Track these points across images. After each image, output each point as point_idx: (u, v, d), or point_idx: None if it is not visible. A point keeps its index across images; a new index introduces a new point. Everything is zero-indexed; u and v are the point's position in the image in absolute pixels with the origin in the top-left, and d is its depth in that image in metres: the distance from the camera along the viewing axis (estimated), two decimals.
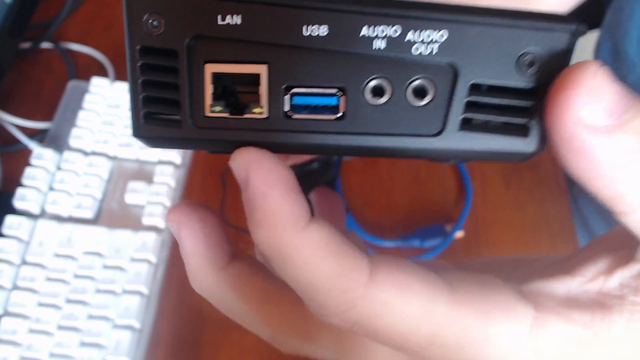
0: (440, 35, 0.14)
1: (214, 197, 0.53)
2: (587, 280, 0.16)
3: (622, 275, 0.16)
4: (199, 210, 0.18)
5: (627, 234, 0.16)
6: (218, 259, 0.18)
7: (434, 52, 0.14)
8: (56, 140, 0.54)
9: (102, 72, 0.61)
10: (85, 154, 0.53)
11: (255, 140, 0.16)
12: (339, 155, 0.16)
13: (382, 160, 0.53)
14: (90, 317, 0.45)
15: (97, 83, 0.56)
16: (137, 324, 0.45)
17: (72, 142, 0.53)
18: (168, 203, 0.51)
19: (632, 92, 0.14)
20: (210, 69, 0.15)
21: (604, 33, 0.51)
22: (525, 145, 0.15)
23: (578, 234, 0.60)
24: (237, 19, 0.14)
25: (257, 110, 0.15)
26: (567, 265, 0.17)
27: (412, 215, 0.52)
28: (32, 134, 0.56)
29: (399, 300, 0.15)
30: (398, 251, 0.50)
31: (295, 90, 0.15)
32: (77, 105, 0.56)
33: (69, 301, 0.45)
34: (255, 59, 0.15)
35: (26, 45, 0.61)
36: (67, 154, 0.52)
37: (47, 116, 0.57)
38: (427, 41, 0.14)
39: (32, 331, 0.44)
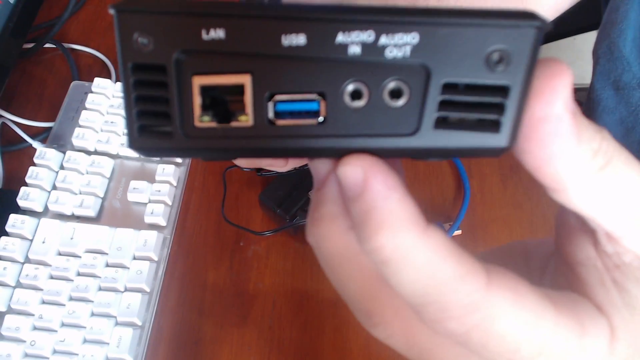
0: (411, 38, 0.15)
1: (215, 196, 0.54)
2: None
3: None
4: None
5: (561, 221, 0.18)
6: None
7: (407, 55, 0.15)
8: (59, 140, 0.55)
9: (104, 73, 0.61)
10: (88, 153, 0.53)
11: (243, 147, 0.16)
12: (322, 158, 0.17)
13: None
14: (93, 314, 0.45)
15: (100, 83, 0.56)
16: (138, 322, 0.46)
17: (75, 141, 0.53)
18: (169, 202, 0.52)
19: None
20: (198, 81, 0.16)
21: (600, 33, 0.51)
22: (497, 140, 0.15)
23: None
24: (220, 33, 0.15)
25: (243, 118, 0.16)
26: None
27: None
28: (35, 133, 0.56)
29: (515, 307, 0.15)
30: None
31: (277, 97, 0.16)
32: (79, 105, 0.56)
33: (71, 299, 0.46)
34: (239, 70, 0.15)
35: (29, 45, 0.61)
36: (69, 153, 0.52)
37: (50, 116, 0.57)
38: (399, 44, 0.15)
39: (35, 328, 0.45)
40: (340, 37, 0.15)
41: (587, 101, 0.56)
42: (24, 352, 0.44)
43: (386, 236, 0.15)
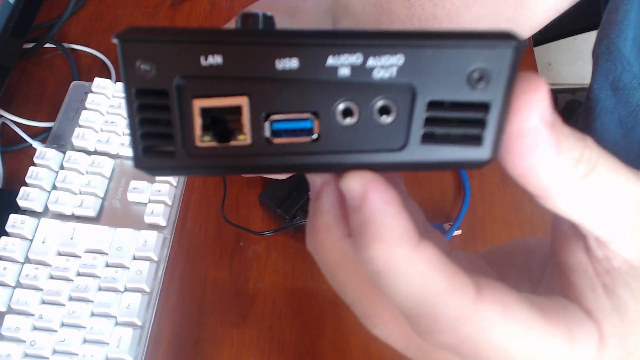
0: (397, 59, 0.16)
1: (215, 196, 0.54)
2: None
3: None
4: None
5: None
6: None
7: (394, 75, 0.16)
8: (59, 140, 0.55)
9: (104, 73, 0.61)
10: (88, 153, 0.53)
11: (242, 164, 0.17)
12: (317, 172, 0.18)
13: None
14: (93, 314, 0.45)
15: (100, 83, 0.56)
16: (138, 322, 0.46)
17: (75, 141, 0.53)
18: (169, 202, 0.52)
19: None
20: (198, 104, 0.16)
21: (599, 33, 0.51)
22: (480, 153, 0.16)
23: None
24: (218, 59, 0.16)
25: (241, 137, 0.17)
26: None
27: None
28: (35, 133, 0.56)
29: (504, 318, 0.16)
30: None
31: (273, 117, 0.17)
32: (79, 105, 0.56)
33: (71, 299, 0.46)
34: (237, 92, 0.16)
35: (29, 45, 0.62)
36: (69, 153, 0.52)
37: (50, 116, 0.57)
38: (386, 65, 0.16)
39: (35, 328, 0.45)
40: (331, 60, 0.16)
41: (585, 101, 0.56)
42: (24, 352, 0.44)
43: (379, 249, 0.16)
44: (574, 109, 0.80)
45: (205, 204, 0.53)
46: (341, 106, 0.16)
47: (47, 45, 0.62)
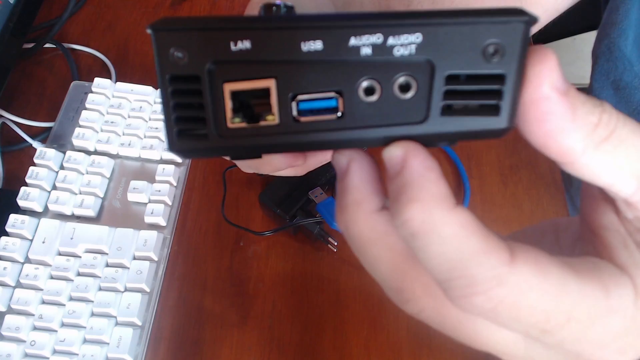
0: (415, 37, 0.17)
1: (215, 196, 0.54)
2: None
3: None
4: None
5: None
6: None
7: (413, 52, 0.17)
8: (59, 140, 0.55)
9: (104, 73, 0.61)
10: (88, 153, 0.53)
11: (271, 143, 0.18)
12: (342, 148, 0.19)
13: (381, 160, 0.54)
14: (93, 314, 0.45)
15: (100, 83, 0.56)
16: (138, 322, 0.46)
17: (75, 141, 0.53)
18: (169, 202, 0.52)
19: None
20: (228, 87, 0.18)
21: (601, 32, 0.51)
22: (498, 122, 0.17)
23: None
24: (246, 44, 0.17)
25: (270, 118, 0.18)
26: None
27: None
28: (35, 133, 0.56)
29: (539, 279, 0.16)
30: None
31: (300, 97, 0.18)
32: (79, 105, 0.56)
33: (71, 299, 0.46)
34: (265, 75, 0.17)
35: (29, 45, 0.62)
36: (69, 153, 0.52)
37: (50, 116, 0.57)
38: (405, 44, 0.17)
39: (35, 328, 0.45)
40: (353, 41, 0.17)
41: None
42: (24, 352, 0.44)
43: (416, 209, 0.16)
44: None
45: (205, 204, 0.53)
46: (364, 84, 0.17)
47: (47, 45, 0.62)
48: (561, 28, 0.91)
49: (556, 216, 0.53)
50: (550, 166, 0.56)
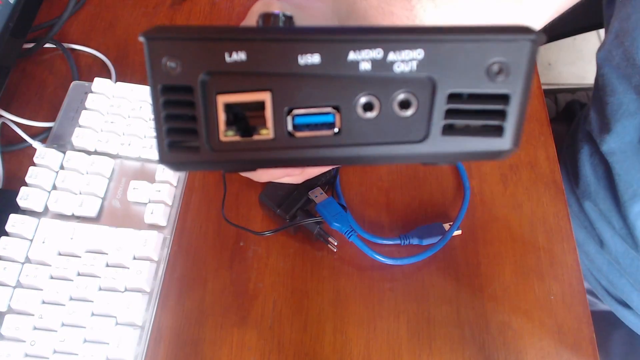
0: (417, 54, 0.16)
1: (215, 196, 0.54)
2: None
3: None
4: None
5: None
6: None
7: (414, 69, 0.16)
8: (59, 140, 0.55)
9: (104, 73, 0.61)
10: (88, 153, 0.53)
11: (265, 158, 0.17)
12: (339, 165, 0.19)
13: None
14: (93, 314, 0.45)
15: (100, 83, 0.56)
16: (138, 322, 0.46)
17: (75, 141, 0.53)
18: (169, 202, 0.52)
19: None
20: (222, 99, 0.17)
21: (613, 41, 0.51)
22: (501, 144, 0.17)
23: (577, 234, 0.61)
24: (242, 55, 0.16)
25: (264, 132, 0.17)
26: None
27: (411, 213, 0.53)
28: (35, 133, 0.56)
29: None
30: (397, 249, 0.51)
31: (296, 111, 0.17)
32: (79, 105, 0.56)
33: (71, 299, 0.46)
34: (260, 88, 0.17)
35: (29, 45, 0.61)
36: (70, 153, 0.52)
37: (50, 116, 0.57)
38: (406, 60, 0.16)
39: (35, 328, 0.45)
40: (352, 55, 0.16)
41: (603, 104, 0.55)
42: (24, 352, 0.44)
43: None
44: (574, 109, 0.80)
45: (205, 204, 0.53)
46: (362, 100, 0.17)
47: (47, 45, 0.62)
48: (561, 28, 0.91)
49: (556, 216, 0.53)
50: (550, 166, 0.56)
